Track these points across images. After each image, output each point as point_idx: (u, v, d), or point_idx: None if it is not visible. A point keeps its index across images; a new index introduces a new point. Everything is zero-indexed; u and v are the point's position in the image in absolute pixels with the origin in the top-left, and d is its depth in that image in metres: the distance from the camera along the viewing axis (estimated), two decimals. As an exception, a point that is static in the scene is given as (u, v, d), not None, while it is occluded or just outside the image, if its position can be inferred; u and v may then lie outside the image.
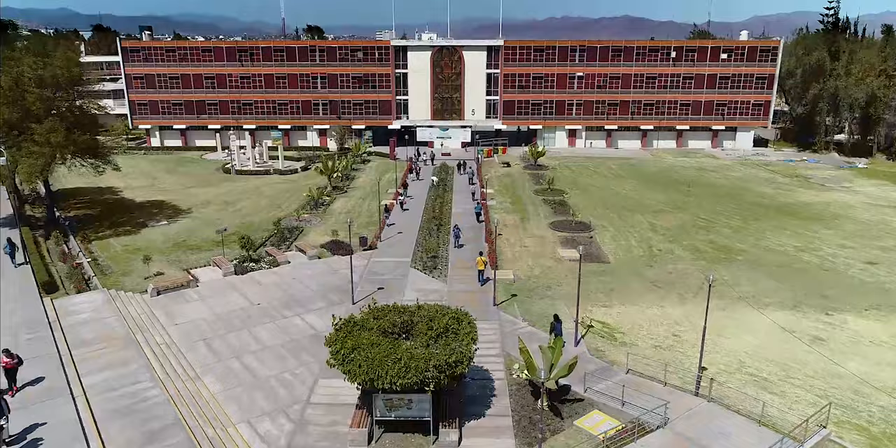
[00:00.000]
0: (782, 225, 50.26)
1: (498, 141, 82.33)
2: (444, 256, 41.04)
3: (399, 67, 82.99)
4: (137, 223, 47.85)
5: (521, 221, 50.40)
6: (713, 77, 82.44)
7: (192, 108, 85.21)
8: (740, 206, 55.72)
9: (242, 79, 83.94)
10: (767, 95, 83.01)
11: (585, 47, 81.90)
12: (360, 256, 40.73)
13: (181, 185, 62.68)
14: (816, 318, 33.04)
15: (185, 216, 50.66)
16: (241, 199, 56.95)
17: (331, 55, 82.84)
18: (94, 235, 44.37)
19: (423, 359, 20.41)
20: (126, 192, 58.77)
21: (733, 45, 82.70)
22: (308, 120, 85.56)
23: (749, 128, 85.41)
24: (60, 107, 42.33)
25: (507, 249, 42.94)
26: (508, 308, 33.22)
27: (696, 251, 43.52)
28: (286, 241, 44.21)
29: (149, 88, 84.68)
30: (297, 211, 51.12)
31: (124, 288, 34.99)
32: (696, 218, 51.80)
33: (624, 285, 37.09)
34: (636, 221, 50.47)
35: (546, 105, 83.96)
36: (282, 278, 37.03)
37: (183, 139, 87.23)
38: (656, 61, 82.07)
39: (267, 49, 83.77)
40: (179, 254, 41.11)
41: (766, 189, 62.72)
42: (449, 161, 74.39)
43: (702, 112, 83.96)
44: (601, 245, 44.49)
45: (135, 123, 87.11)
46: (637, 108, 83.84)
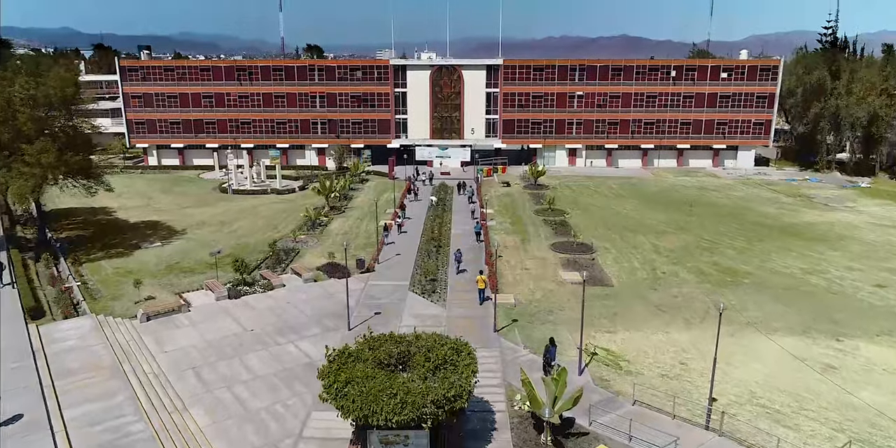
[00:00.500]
0: (787, 246, 49.36)
1: (497, 160, 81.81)
2: (443, 279, 40.07)
3: (398, 86, 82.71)
4: (130, 245, 46.92)
5: (521, 242, 49.50)
6: (713, 96, 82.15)
7: (190, 126, 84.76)
8: (744, 227, 54.87)
9: (241, 98, 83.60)
10: (768, 114, 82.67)
11: (585, 66, 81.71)
12: (357, 279, 39.78)
13: (177, 205, 61.85)
14: (827, 344, 31.99)
15: (179, 237, 49.74)
16: (238, 220, 56.09)
17: (329, 74, 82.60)
18: (86, 257, 43.42)
19: (421, 394, 19.39)
20: (120, 213, 57.91)
21: (733, 64, 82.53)
22: (306, 139, 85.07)
23: (750, 147, 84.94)
24: (53, 127, 41.62)
25: (508, 272, 41.99)
26: (509, 334, 32.19)
27: (701, 274, 42.57)
28: (282, 263, 43.27)
29: (146, 107, 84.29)
30: (294, 232, 50.24)
31: (113, 313, 33.97)
32: (699, 239, 50.91)
33: (628, 310, 36.08)
34: (639, 242, 49.58)
35: (546, 124, 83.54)
36: (276, 303, 36.02)
37: (180, 158, 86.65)
38: (656, 80, 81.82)
39: (266, 68, 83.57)
40: (172, 277, 40.14)
41: (770, 209, 61.93)
42: (448, 180, 73.72)
43: (702, 131, 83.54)
44: (604, 267, 43.54)
45: (132, 142, 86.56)
46: (637, 127, 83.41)
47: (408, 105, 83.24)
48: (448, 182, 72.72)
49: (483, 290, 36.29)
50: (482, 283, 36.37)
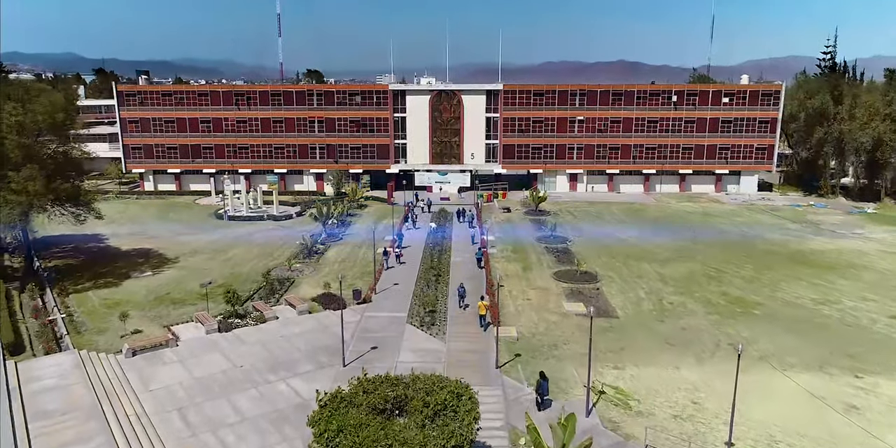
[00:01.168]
0: (796, 274, 47.97)
1: (498, 185, 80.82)
2: (443, 311, 38.62)
3: (397, 111, 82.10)
4: (120, 274, 45.51)
5: (523, 271, 48.13)
6: (715, 121, 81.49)
7: (188, 151, 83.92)
8: (751, 255, 53.51)
9: (239, 122, 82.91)
10: (771, 139, 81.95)
11: (586, 91, 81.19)
12: (353, 311, 38.35)
13: (171, 232, 60.56)
14: (846, 381, 30.46)
15: (171, 266, 48.35)
16: (232, 248, 54.76)
17: (328, 99, 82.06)
18: (73, 288, 42.00)
19: (419, 444, 17.89)
20: (112, 240, 56.60)
21: (735, 88, 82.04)
22: (305, 164, 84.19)
23: (753, 172, 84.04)
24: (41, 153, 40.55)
25: (510, 302, 40.56)
26: (512, 371, 30.69)
27: (709, 304, 41.13)
28: (276, 293, 41.85)
29: (144, 132, 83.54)
30: (289, 260, 48.86)
31: (98, 348, 32.46)
32: (705, 267, 49.53)
33: (635, 343, 34.59)
34: (643, 271, 48.19)
35: (546, 149, 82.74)
36: (268, 336, 34.53)
37: (177, 183, 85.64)
38: (657, 105, 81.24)
39: (264, 93, 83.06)
40: (161, 308, 38.68)
41: (776, 235, 60.64)
42: (448, 206, 72.59)
43: (704, 156, 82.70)
44: (608, 297, 42.12)
45: (128, 167, 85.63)
46: (639, 152, 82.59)
47: (407, 130, 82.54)
48: (448, 207, 71.56)
49: (484, 316, 36.04)
50: (483, 308, 36.16)
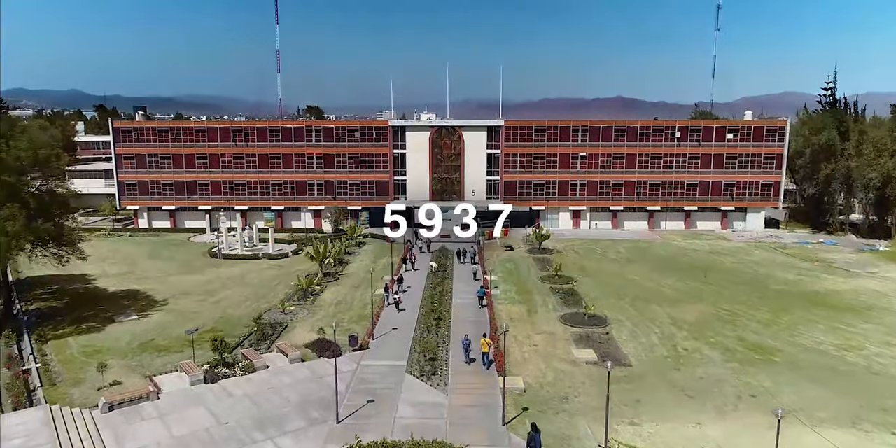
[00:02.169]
0: (814, 317, 45.75)
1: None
2: (444, 358, 36.34)
3: (397, 147, 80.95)
4: (104, 318, 43.24)
5: (528, 314, 45.91)
6: (720, 157, 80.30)
7: (183, 188, 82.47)
8: (764, 296, 51.36)
9: (236, 159, 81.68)
10: (777, 175, 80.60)
11: (588, 127, 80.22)
12: (349, 359, 36.06)
13: (162, 272, 58.48)
14: (882, 439, 28.07)
15: (158, 309, 46.12)
16: (224, 288, 52.61)
17: (327, 135, 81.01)
18: (52, 333, 39.71)
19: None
20: (100, 280, 54.45)
21: (739, 124, 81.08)
22: (302, 200, 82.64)
23: (759, 209, 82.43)
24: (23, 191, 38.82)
25: (515, 349, 38.24)
26: (520, 427, 28.26)
27: (726, 350, 38.82)
28: (267, 339, 39.59)
29: (139, 168, 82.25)
30: (283, 302, 46.65)
31: (72, 402, 30.08)
32: (719, 309, 47.34)
33: (651, 395, 32.20)
34: (654, 314, 45.97)
35: (549, 185, 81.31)
36: (257, 388, 32.17)
37: (172, 220, 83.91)
38: (661, 141, 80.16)
39: (262, 129, 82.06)
40: (144, 357, 36.36)
41: (788, 275, 58.58)
42: (448, 243, 70.70)
43: (710, 192, 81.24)
44: (619, 343, 39.83)
45: (123, 204, 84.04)
46: (643, 189, 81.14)
47: (407, 166, 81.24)
48: (448, 245, 69.63)
49: (487, 353, 35.29)
50: (486, 346, 35.35)
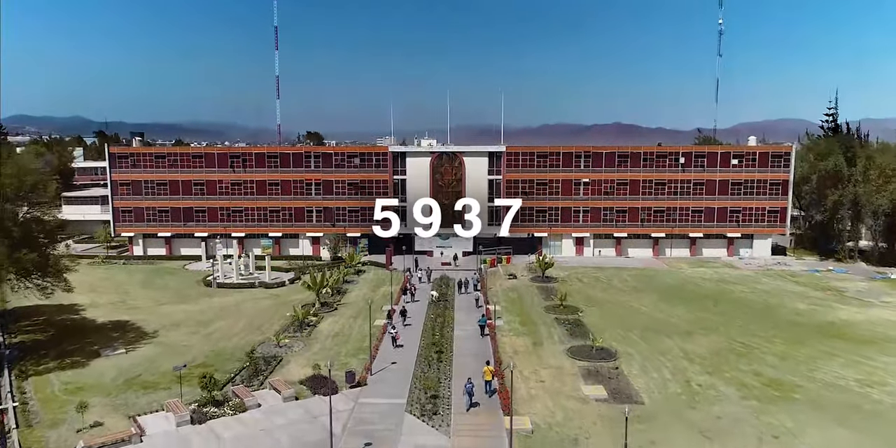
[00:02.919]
0: (831, 350, 43.84)
1: (501, 249, 77.46)
2: (447, 395, 34.43)
3: (397, 173, 79.74)
4: (90, 351, 41.32)
5: (533, 346, 44.02)
6: (725, 183, 79.04)
7: (179, 214, 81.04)
8: (778, 326, 49.48)
9: (234, 185, 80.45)
10: (783, 202, 79.27)
11: (591, 153, 79.15)
12: (345, 396, 34.16)
13: (154, 302, 56.66)
14: (919, 486, 26.05)
15: (147, 341, 44.22)
16: (218, 319, 50.75)
17: (326, 161, 79.91)
18: (34, 369, 37.79)
19: None
20: (89, 311, 52.59)
21: (744, 150, 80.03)
22: (301, 227, 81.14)
23: (766, 235, 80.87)
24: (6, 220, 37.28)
25: (521, 385, 36.31)
26: (528, 474, 26.30)
27: (743, 386, 36.88)
28: (260, 374, 37.68)
29: (135, 195, 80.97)
30: (278, 335, 44.75)
31: (47, 446, 28.08)
32: (731, 341, 45.44)
33: (667, 437, 30.21)
34: (665, 347, 44.06)
35: (551, 212, 79.91)
36: (247, 429, 30.23)
37: (167, 248, 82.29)
38: (665, 167, 79.01)
39: (260, 155, 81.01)
40: (129, 394, 34.41)
41: (800, 304, 56.74)
42: (449, 271, 69.02)
43: (715, 219, 79.77)
44: (630, 378, 37.89)
45: (117, 231, 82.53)
46: (647, 215, 79.69)
47: (407, 192, 79.94)
48: (449, 273, 67.93)
49: (490, 381, 34.87)
50: (489, 374, 35.00)
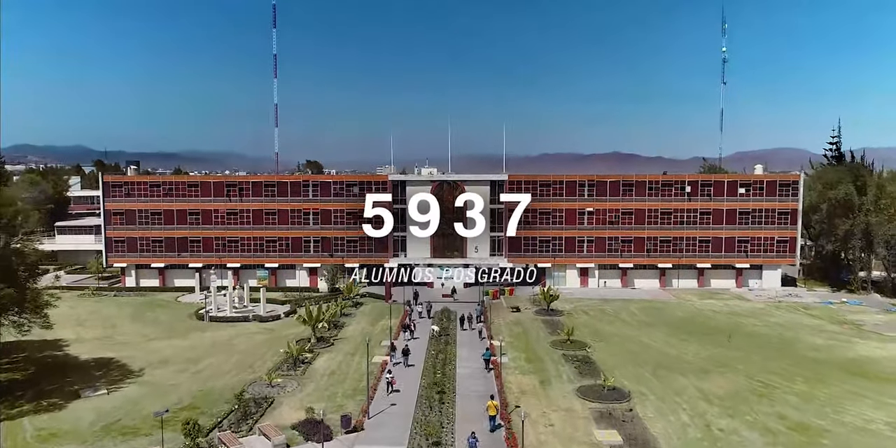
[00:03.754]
0: (857, 389, 41.38)
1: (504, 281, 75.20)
2: (449, 442, 31.92)
3: (397, 202, 77.97)
4: (69, 392, 38.79)
5: (540, 386, 41.54)
6: (732, 212, 77.23)
7: (174, 244, 78.96)
8: (797, 364, 47.00)
9: (230, 214, 78.56)
10: (792, 231, 77.33)
11: (594, 181, 77.52)
12: (340, 443, 31.75)
13: (142, 337, 54.19)
14: None
15: (132, 380, 41.70)
16: (208, 356, 48.28)
17: (325, 190, 78.22)
18: (7, 413, 35.29)
19: None
20: (73, 347, 50.08)
21: (751, 179, 78.40)
22: (298, 258, 78.99)
23: (775, 266, 78.71)
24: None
25: (529, 429, 33.71)
26: (541, 536, 23.75)
27: (767, 431, 34.38)
28: (250, 417, 35.17)
29: (129, 224, 79.01)
30: (270, 373, 42.22)
31: (11, 503, 25.60)
32: (750, 380, 42.95)
33: (691, 491, 27.69)
34: (680, 386, 41.58)
35: (555, 242, 77.90)
36: (233, 482, 27.69)
37: (161, 279, 80.00)
38: (670, 196, 77.30)
39: (257, 183, 79.34)
40: (107, 441, 31.86)
41: (818, 339, 54.31)
42: (450, 304, 66.69)
43: (723, 249, 77.71)
44: (646, 422, 35.40)
45: (110, 261, 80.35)
46: (653, 245, 77.66)
47: (407, 221, 78.04)
48: (450, 306, 65.58)
49: (494, 417, 34.00)
50: (493, 409, 34.30)
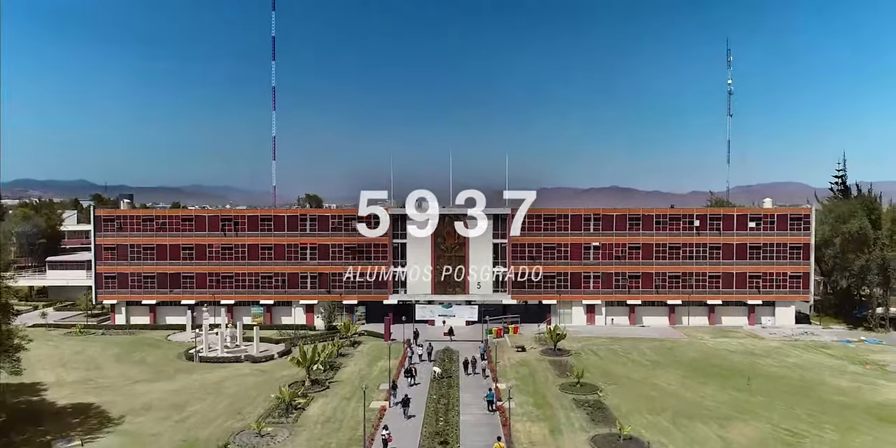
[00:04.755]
0: (890, 438, 38.43)
1: (508, 318, 72.34)
2: (454, 502, 28.91)
3: (397, 237, 75.70)
4: (40, 443, 35.86)
5: (551, 435, 38.54)
6: (743, 247, 74.90)
7: (166, 280, 76.33)
8: (823, 409, 44.01)
9: (224, 249, 76.15)
10: (805, 266, 74.85)
11: (600, 215, 75.39)
12: (333, 504, 28.60)
13: (126, 379, 51.19)
14: None
15: (110, 430, 38.66)
16: (195, 401, 45.27)
17: (322, 224, 76.00)
18: (-31, 468, 32.42)
19: None
20: (51, 391, 47.07)
21: (761, 213, 76.25)
22: (294, 294, 76.25)
23: (789, 302, 76.00)
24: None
25: (541, 487, 30.83)
26: None
27: (802, 488, 31.38)
28: (235, 473, 32.18)
29: (120, 259, 76.55)
30: (259, 421, 39.23)
31: None
32: (776, 428, 39.95)
33: None
34: (702, 435, 38.58)
35: (560, 277, 75.32)
36: None
37: (152, 316, 77.11)
38: (678, 230, 75.07)
39: (253, 218, 77.12)
40: (75, 502, 28.90)
41: (842, 382, 51.33)
42: (451, 344, 63.76)
43: (734, 285, 75.10)
44: (668, 478, 32.39)
45: (99, 298, 77.60)
46: (662, 281, 75.06)
47: (407, 257, 75.61)
48: (452, 346, 62.66)
49: None
50: None
